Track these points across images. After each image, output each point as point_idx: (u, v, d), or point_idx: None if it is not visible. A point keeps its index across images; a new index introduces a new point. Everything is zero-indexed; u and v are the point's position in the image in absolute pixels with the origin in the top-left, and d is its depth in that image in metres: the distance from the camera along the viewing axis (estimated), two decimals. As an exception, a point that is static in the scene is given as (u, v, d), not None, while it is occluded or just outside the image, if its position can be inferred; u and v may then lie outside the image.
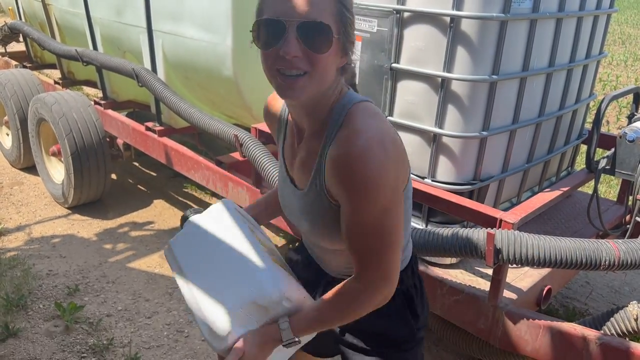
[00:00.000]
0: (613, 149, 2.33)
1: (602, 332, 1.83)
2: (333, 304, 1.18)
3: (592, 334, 1.76)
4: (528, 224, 2.46)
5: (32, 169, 4.36)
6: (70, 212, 3.86)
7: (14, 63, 5.04)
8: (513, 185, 2.39)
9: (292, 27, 0.99)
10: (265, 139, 2.65)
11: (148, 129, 3.44)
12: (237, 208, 1.42)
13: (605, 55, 2.68)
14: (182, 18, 2.94)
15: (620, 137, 2.27)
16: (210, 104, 3.31)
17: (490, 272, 1.98)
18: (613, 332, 1.85)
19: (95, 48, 3.79)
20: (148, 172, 4.59)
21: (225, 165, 2.94)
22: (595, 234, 2.52)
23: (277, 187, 1.48)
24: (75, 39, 4.12)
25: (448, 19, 1.92)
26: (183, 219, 1.50)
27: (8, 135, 4.62)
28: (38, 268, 3.16)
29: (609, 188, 4.45)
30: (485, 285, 2.04)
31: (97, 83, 4.01)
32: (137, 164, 4.70)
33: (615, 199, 2.92)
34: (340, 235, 1.16)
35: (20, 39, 5.01)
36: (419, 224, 2.26)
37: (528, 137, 2.32)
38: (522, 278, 2.13)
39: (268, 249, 1.34)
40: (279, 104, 1.32)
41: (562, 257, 1.73)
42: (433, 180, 2.15)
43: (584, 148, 2.86)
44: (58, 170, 3.98)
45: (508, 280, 2.03)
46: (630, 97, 6.29)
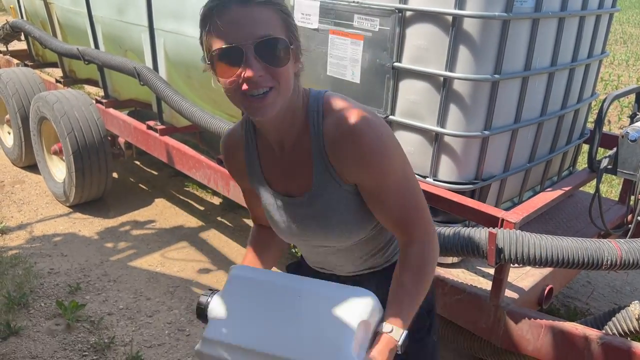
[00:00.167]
0: (615, 149, 2.33)
1: (603, 331, 1.83)
2: (413, 277, 1.16)
3: (593, 334, 1.76)
4: (529, 224, 2.46)
5: (33, 168, 4.37)
6: (72, 210, 3.86)
7: (16, 61, 5.04)
8: (515, 185, 2.39)
9: (249, 49, 1.00)
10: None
11: (149, 128, 3.44)
12: (252, 268, 1.33)
13: (607, 55, 2.68)
14: (183, 17, 2.94)
15: (623, 136, 2.26)
16: (212, 103, 3.31)
17: (492, 271, 1.98)
18: (615, 331, 1.85)
19: (97, 47, 3.79)
20: (149, 170, 4.59)
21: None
22: (597, 234, 2.52)
23: (258, 237, 1.45)
24: (77, 38, 4.12)
25: (450, 18, 1.92)
26: (201, 307, 1.24)
27: (9, 134, 4.62)
28: (39, 266, 3.17)
29: (610, 187, 4.45)
30: (487, 285, 2.04)
31: (98, 82, 4.01)
32: (138, 163, 4.70)
33: (617, 199, 2.92)
34: (358, 221, 1.20)
35: (22, 38, 5.01)
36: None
37: (530, 136, 2.32)
38: (523, 277, 2.13)
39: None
40: (237, 140, 1.28)
41: (564, 256, 1.73)
42: (435, 180, 2.15)
43: (586, 147, 2.86)
44: (59, 169, 3.98)
45: (509, 280, 2.03)
46: (632, 96, 6.27)
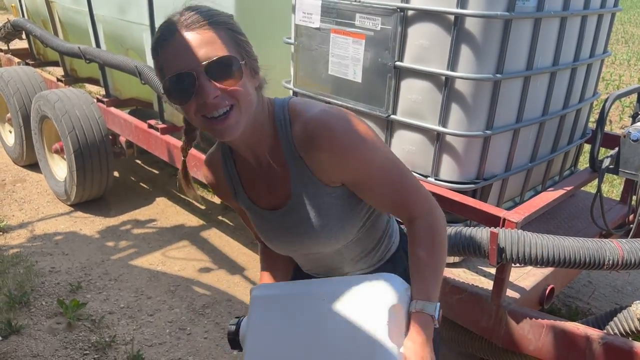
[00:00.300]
0: (617, 148, 2.32)
1: (605, 331, 1.83)
2: (428, 250, 1.15)
3: (595, 334, 1.76)
4: (531, 223, 2.45)
5: (34, 167, 4.37)
6: (73, 209, 3.86)
7: (17, 60, 5.04)
8: (516, 185, 2.39)
9: (200, 72, 1.00)
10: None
11: (151, 127, 3.43)
12: (270, 285, 1.34)
13: (609, 55, 2.68)
14: (185, 16, 2.93)
15: (625, 136, 2.26)
16: (213, 102, 3.31)
17: (493, 271, 1.98)
18: (616, 331, 1.85)
19: (98, 45, 3.79)
20: (150, 169, 4.59)
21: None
22: (599, 234, 2.52)
23: (266, 259, 1.46)
24: (78, 37, 4.12)
25: (452, 17, 1.91)
26: (232, 336, 1.28)
27: (11, 133, 4.63)
28: (41, 265, 3.17)
29: (612, 187, 4.45)
30: (489, 284, 2.04)
31: (99, 80, 4.00)
32: (139, 162, 4.70)
33: (618, 198, 2.92)
34: (343, 224, 1.19)
35: (23, 36, 5.01)
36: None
37: (531, 136, 2.31)
38: (525, 277, 2.13)
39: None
40: (216, 162, 1.28)
41: (565, 256, 1.73)
42: (436, 179, 2.15)
43: (587, 147, 2.86)
44: (61, 168, 3.98)
45: (511, 279, 2.03)
46: (633, 96, 6.26)
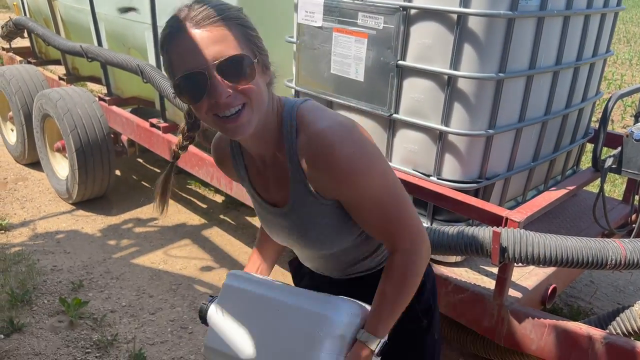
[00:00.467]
0: (619, 148, 2.32)
1: (607, 331, 1.83)
2: (394, 287, 1.16)
3: (597, 333, 1.76)
4: (533, 223, 2.45)
5: (36, 165, 4.37)
6: (75, 208, 3.86)
7: (19, 59, 5.05)
8: (518, 184, 2.39)
9: (211, 71, 0.98)
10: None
11: (152, 126, 3.43)
12: (243, 274, 1.39)
13: (612, 54, 2.67)
14: (187, 14, 2.93)
15: (627, 135, 2.26)
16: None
17: (495, 270, 1.97)
18: (619, 331, 1.85)
19: (100, 44, 3.79)
20: (152, 168, 4.59)
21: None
22: (601, 233, 2.52)
23: (261, 237, 1.50)
24: (80, 35, 4.12)
25: (455, 16, 1.91)
26: (202, 314, 1.38)
27: (13, 131, 4.63)
28: (42, 263, 3.17)
29: (614, 187, 4.44)
30: (491, 284, 2.03)
31: (101, 79, 4.01)
32: (141, 160, 4.70)
33: (620, 198, 2.92)
34: (339, 233, 1.18)
35: (25, 35, 5.01)
36: (424, 222, 2.26)
37: (534, 135, 2.31)
38: (527, 277, 2.12)
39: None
40: (224, 145, 1.29)
41: (568, 256, 1.72)
42: (439, 178, 2.15)
43: (589, 147, 2.85)
44: (62, 166, 3.98)
45: (513, 279, 2.02)
46: (635, 96, 6.26)
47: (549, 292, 2.13)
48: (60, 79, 4.43)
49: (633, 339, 1.77)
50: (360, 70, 2.23)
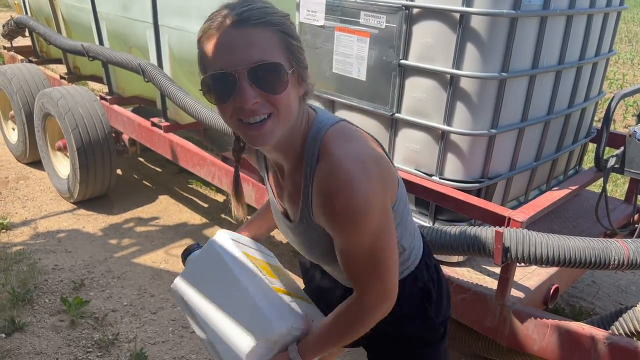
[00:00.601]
0: (622, 148, 2.31)
1: (610, 332, 1.82)
2: (337, 327, 1.19)
3: (600, 334, 1.75)
4: (535, 223, 2.45)
5: (37, 164, 4.37)
6: (76, 207, 3.86)
7: (20, 58, 5.04)
8: (521, 184, 2.38)
9: (242, 75, 0.94)
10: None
11: (154, 125, 3.43)
12: (234, 238, 1.42)
13: (615, 53, 2.66)
14: (188, 13, 2.93)
15: (630, 135, 2.25)
16: (216, 100, 3.30)
17: (497, 270, 1.97)
18: (621, 332, 1.84)
19: (101, 43, 3.79)
20: (153, 167, 4.59)
21: (231, 162, 2.94)
22: (603, 233, 2.51)
23: (268, 201, 1.49)
24: (81, 34, 4.12)
25: (458, 15, 1.91)
26: (184, 255, 1.49)
27: (14, 130, 4.62)
28: (44, 262, 3.17)
29: (615, 187, 4.43)
30: (493, 284, 2.03)
31: (102, 78, 4.00)
32: (142, 160, 4.70)
33: (621, 198, 2.91)
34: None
35: (26, 34, 5.01)
36: (426, 222, 2.25)
37: (536, 135, 2.31)
38: (529, 277, 2.12)
39: (274, 269, 1.39)
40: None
41: (571, 256, 1.72)
42: (441, 178, 2.14)
43: (592, 146, 2.85)
44: (64, 165, 3.98)
45: (515, 279, 2.02)
46: (636, 95, 6.25)
47: (551, 292, 2.13)
48: (62, 78, 4.43)
49: (636, 340, 1.76)
50: (363, 70, 2.22)
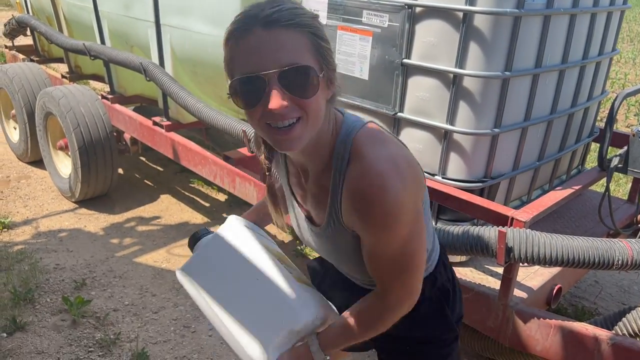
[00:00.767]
0: (626, 147, 2.30)
1: (613, 332, 1.81)
2: (358, 321, 1.17)
3: (603, 334, 1.74)
4: (537, 223, 2.44)
5: (39, 163, 4.37)
6: (77, 206, 3.86)
7: (22, 57, 5.04)
8: (524, 183, 2.37)
9: (272, 79, 0.91)
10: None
11: (155, 124, 3.43)
12: (247, 224, 1.40)
13: (618, 53, 2.65)
14: (190, 12, 2.92)
15: (634, 134, 2.24)
16: (218, 99, 3.29)
17: (500, 270, 1.96)
18: (625, 332, 1.84)
19: (103, 42, 3.78)
20: (155, 166, 4.59)
21: (233, 161, 2.93)
22: (606, 233, 2.50)
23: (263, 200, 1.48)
24: (83, 33, 4.11)
25: (461, 14, 1.90)
26: (193, 240, 1.44)
27: (15, 129, 4.62)
28: (45, 262, 3.17)
29: (618, 187, 4.42)
30: (495, 284, 2.02)
31: (104, 77, 4.00)
32: (143, 159, 4.69)
33: (624, 198, 2.90)
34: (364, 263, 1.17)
35: (28, 33, 5.01)
36: (429, 222, 2.24)
37: (539, 134, 2.30)
38: (532, 277, 2.11)
39: (286, 264, 1.35)
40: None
41: (574, 256, 1.71)
42: (443, 178, 2.13)
43: (595, 146, 2.84)
44: (65, 165, 3.98)
45: (518, 279, 2.01)
46: (639, 95, 6.22)
47: (554, 292, 2.12)
48: (63, 77, 4.43)
49: (639, 340, 1.75)
50: (365, 69, 2.22)
